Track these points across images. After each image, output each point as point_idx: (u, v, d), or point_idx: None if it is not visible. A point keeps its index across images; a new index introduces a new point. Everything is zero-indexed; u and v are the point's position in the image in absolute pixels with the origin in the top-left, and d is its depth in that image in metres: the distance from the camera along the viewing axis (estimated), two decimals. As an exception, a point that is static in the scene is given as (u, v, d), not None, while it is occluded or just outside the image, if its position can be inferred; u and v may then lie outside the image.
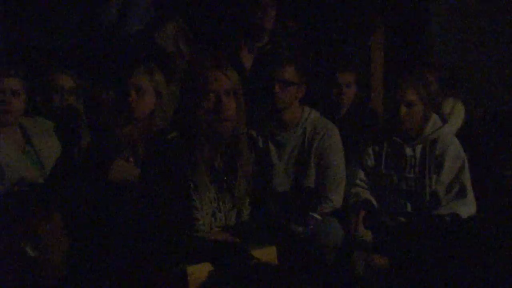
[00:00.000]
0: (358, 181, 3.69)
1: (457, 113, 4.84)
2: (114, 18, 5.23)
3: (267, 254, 2.68)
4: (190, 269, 2.57)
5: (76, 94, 4.04)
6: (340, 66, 4.26)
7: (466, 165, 3.60)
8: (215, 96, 2.72)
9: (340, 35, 5.17)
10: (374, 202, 3.61)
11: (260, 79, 3.68)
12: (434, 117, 3.67)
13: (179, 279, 2.57)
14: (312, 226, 3.34)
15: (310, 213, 3.40)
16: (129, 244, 2.90)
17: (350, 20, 5.29)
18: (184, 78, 2.91)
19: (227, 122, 2.74)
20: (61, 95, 3.93)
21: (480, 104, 5.13)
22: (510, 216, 3.56)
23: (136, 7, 5.17)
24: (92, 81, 4.33)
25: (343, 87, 4.19)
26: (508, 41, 5.30)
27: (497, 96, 5.23)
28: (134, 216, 2.97)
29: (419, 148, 3.62)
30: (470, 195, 3.58)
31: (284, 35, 4.63)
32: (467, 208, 3.54)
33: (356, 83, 4.27)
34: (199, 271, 2.58)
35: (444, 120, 3.75)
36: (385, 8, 5.45)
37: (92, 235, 3.10)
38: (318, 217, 3.44)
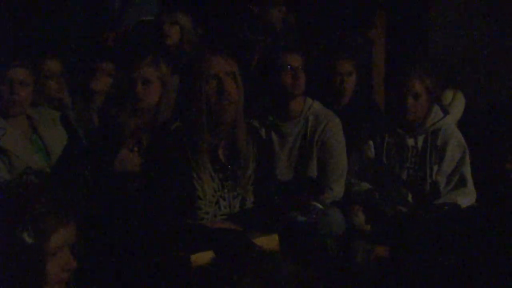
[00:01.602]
0: (358, 171, 3.71)
1: (457, 103, 4.86)
2: (116, 8, 5.25)
3: (269, 242, 2.70)
4: (194, 257, 2.59)
5: (63, 77, 4.07)
6: (340, 55, 4.26)
7: (467, 155, 3.61)
8: (217, 80, 2.73)
9: (340, 24, 5.18)
10: (376, 193, 3.63)
11: (266, 69, 3.68)
12: (436, 108, 3.68)
13: (182, 267, 2.60)
14: (314, 216, 3.35)
15: (312, 203, 3.41)
16: (133, 233, 2.93)
17: (351, 10, 5.29)
18: (184, 66, 2.92)
19: (230, 104, 2.74)
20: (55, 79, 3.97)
21: (479, 95, 5.15)
22: (509, 206, 3.58)
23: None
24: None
25: (344, 75, 4.19)
26: (509, 32, 5.30)
27: (496, 87, 5.24)
28: (137, 205, 3.00)
29: (420, 138, 3.63)
30: (470, 185, 3.59)
31: (283, 27, 4.65)
32: (467, 198, 3.56)
33: (357, 71, 4.27)
34: (202, 259, 2.61)
35: (445, 111, 3.76)
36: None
37: (96, 224, 3.12)
38: (320, 206, 3.45)
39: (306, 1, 5.28)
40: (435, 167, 3.59)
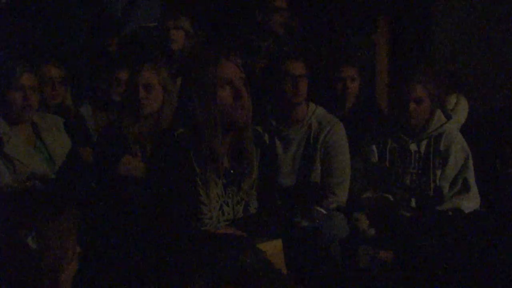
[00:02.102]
0: (361, 177, 3.71)
1: (460, 108, 4.85)
2: (120, 14, 5.26)
3: (273, 247, 2.69)
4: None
5: (66, 83, 4.09)
6: (343, 60, 4.26)
7: (470, 160, 3.61)
8: (231, 85, 2.71)
9: (343, 29, 5.19)
10: (391, 197, 3.62)
11: (268, 75, 3.68)
12: (439, 112, 3.68)
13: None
14: (317, 220, 3.35)
15: (316, 208, 3.41)
16: (136, 238, 2.93)
17: (354, 14, 5.30)
18: (189, 71, 2.88)
19: (245, 109, 2.72)
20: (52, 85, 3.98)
21: (483, 99, 5.14)
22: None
23: (140, 3, 5.20)
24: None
25: (347, 81, 4.19)
26: (511, 35, 5.30)
27: (500, 91, 5.24)
28: (141, 211, 3.00)
29: (423, 143, 3.63)
30: (474, 190, 3.59)
31: (287, 32, 4.66)
32: (471, 203, 3.56)
33: (360, 77, 4.27)
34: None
35: (448, 116, 3.76)
36: (390, 2, 5.46)
37: (99, 229, 3.13)
38: (324, 211, 3.46)
39: (309, 6, 5.28)
40: (438, 172, 3.59)
